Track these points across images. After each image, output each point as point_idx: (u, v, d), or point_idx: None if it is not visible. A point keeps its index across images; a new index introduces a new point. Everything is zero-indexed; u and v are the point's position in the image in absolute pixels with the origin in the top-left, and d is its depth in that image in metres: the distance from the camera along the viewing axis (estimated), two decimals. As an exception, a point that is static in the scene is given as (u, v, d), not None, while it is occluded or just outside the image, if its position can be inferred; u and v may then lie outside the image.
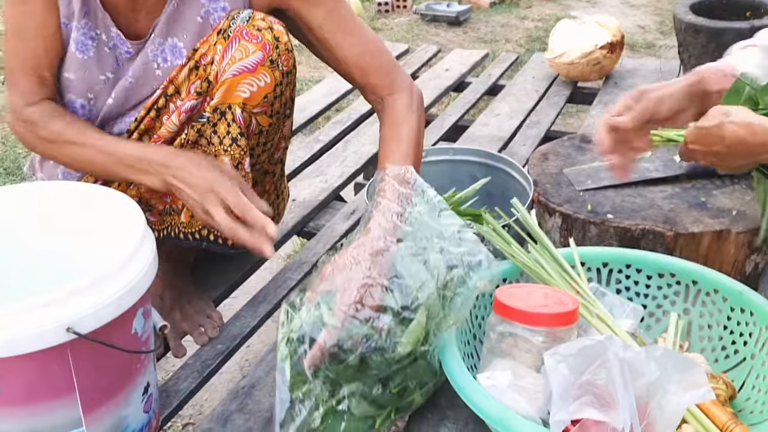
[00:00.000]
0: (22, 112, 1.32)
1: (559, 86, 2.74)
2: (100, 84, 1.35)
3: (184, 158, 1.25)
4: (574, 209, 1.48)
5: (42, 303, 0.98)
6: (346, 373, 1.07)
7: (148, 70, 1.36)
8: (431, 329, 1.08)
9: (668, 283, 1.31)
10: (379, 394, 1.10)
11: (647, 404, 0.95)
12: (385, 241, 1.10)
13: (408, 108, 1.35)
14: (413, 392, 1.13)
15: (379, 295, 1.06)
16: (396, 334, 1.05)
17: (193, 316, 1.48)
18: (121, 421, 1.12)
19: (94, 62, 1.34)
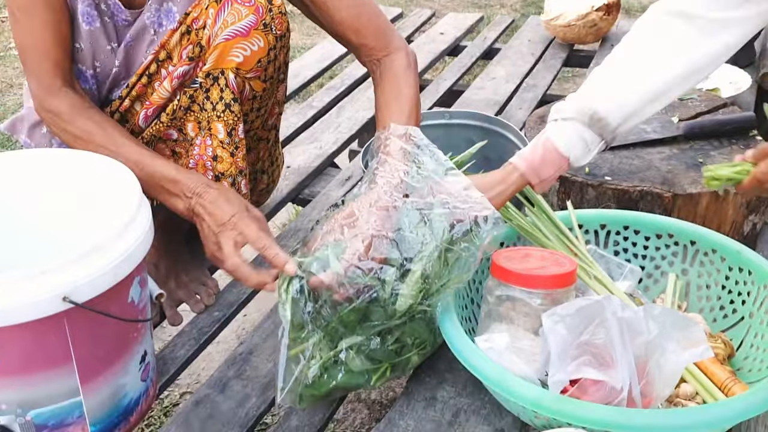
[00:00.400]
0: (43, 102, 1.30)
1: (555, 49, 2.71)
2: (106, 53, 1.34)
3: (216, 191, 1.22)
4: (571, 172, 1.47)
5: (38, 272, 0.96)
6: (348, 321, 1.08)
7: (145, 34, 1.33)
8: (434, 285, 1.08)
9: (666, 244, 1.30)
10: (376, 349, 1.10)
11: (646, 363, 0.95)
12: (392, 196, 1.11)
13: (406, 67, 1.34)
14: (410, 350, 1.13)
15: (385, 247, 1.07)
16: (398, 287, 1.07)
17: (189, 284, 1.47)
18: (118, 389, 1.11)
19: (100, 32, 1.32)
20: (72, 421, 1.07)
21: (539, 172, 1.21)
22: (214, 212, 1.19)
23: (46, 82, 1.29)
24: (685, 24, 1.20)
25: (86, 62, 1.34)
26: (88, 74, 1.36)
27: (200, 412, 1.19)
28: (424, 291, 1.08)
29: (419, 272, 1.07)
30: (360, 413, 1.78)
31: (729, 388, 1.06)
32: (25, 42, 1.28)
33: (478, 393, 1.15)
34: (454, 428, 1.10)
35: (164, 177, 1.24)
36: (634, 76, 1.22)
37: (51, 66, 1.28)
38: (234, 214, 1.18)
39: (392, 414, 1.13)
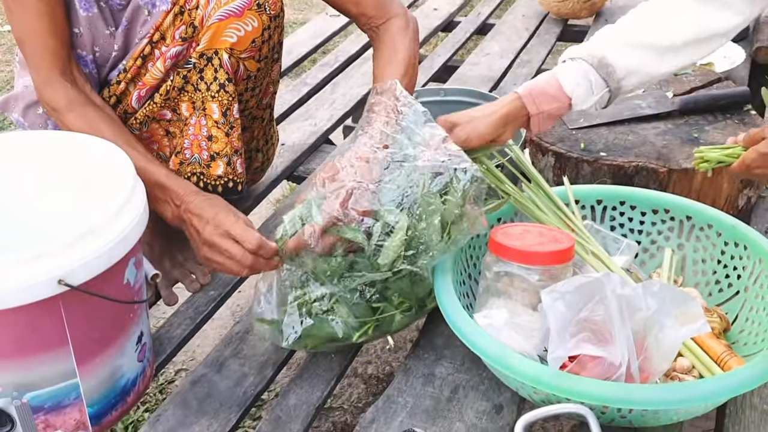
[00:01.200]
0: (42, 94, 1.29)
1: (550, 24, 2.69)
2: (105, 38, 1.33)
3: (203, 198, 1.21)
4: (567, 148, 1.47)
5: (33, 255, 0.96)
6: (333, 270, 1.11)
7: (139, 16, 1.32)
8: (417, 240, 1.09)
9: (662, 219, 1.30)
10: (359, 304, 1.12)
11: (644, 339, 0.96)
12: (371, 148, 1.13)
13: (403, 30, 1.35)
14: (393, 308, 1.15)
15: (366, 199, 1.09)
16: (382, 240, 1.09)
17: (184, 264, 1.47)
18: (115, 371, 1.11)
19: (98, 18, 1.31)
20: (69, 403, 1.07)
21: (538, 102, 1.23)
22: (199, 215, 1.18)
23: (44, 73, 1.27)
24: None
25: (86, 47, 1.33)
26: (88, 59, 1.34)
27: (198, 392, 1.19)
28: (407, 245, 1.09)
29: (402, 224, 1.08)
30: (357, 388, 1.79)
31: (725, 361, 1.07)
32: (22, 33, 1.27)
33: (476, 369, 1.15)
34: (452, 404, 1.10)
35: (154, 182, 1.23)
36: (644, 33, 1.24)
37: (48, 56, 1.27)
38: (217, 213, 1.17)
39: (390, 391, 1.14)
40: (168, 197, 1.23)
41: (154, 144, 1.41)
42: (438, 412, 1.09)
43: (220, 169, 1.36)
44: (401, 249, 1.09)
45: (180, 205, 1.22)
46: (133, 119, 1.36)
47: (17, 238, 1.20)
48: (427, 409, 1.10)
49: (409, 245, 1.09)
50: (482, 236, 1.25)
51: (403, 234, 1.08)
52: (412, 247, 1.09)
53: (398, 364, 1.20)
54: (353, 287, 1.12)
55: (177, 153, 1.37)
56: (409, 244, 1.09)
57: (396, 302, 1.15)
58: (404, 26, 1.36)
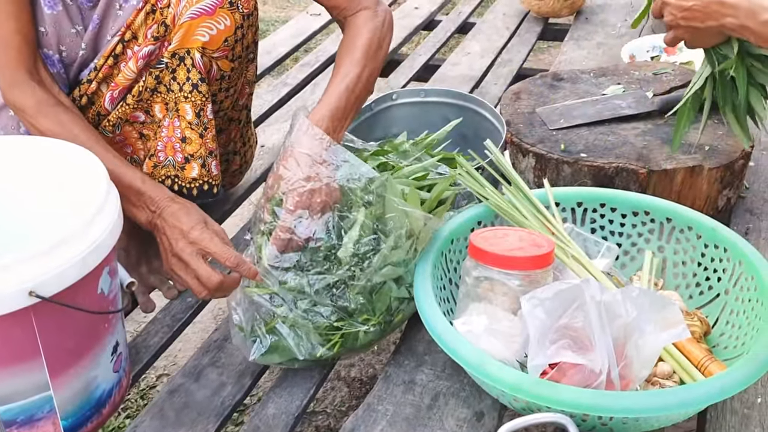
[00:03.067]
0: (7, 95, 1.26)
1: (530, 23, 2.68)
2: (71, 37, 1.30)
3: (177, 205, 1.20)
4: (547, 149, 1.46)
5: (2, 266, 0.93)
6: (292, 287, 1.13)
7: (110, 10, 1.29)
8: (369, 244, 1.12)
9: (642, 221, 1.30)
10: (318, 323, 1.13)
11: (624, 345, 0.95)
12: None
13: (369, 19, 1.34)
14: (353, 325, 1.15)
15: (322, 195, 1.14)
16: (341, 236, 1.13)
17: (161, 270, 1.44)
18: (90, 382, 1.09)
19: (63, 16, 1.28)
20: (42, 416, 1.04)
21: None
22: (174, 225, 1.17)
23: (8, 74, 1.25)
24: None
25: (52, 46, 1.30)
26: (54, 58, 1.32)
27: (175, 402, 1.17)
28: (362, 241, 1.11)
29: (360, 217, 1.11)
30: (340, 391, 1.78)
31: (706, 366, 1.06)
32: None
33: (457, 375, 1.14)
34: (433, 412, 1.09)
35: (130, 187, 1.21)
36: None
37: (13, 55, 1.24)
38: (193, 226, 1.16)
39: (371, 399, 1.13)
40: (143, 203, 1.21)
41: (128, 147, 1.38)
42: (418, 420, 1.08)
43: (195, 171, 1.34)
44: (359, 245, 1.10)
45: (155, 210, 1.20)
46: (106, 121, 1.33)
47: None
48: (408, 417, 1.09)
49: (360, 242, 1.11)
50: (462, 240, 1.24)
51: (359, 229, 1.09)
52: (367, 252, 1.11)
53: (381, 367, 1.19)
54: (313, 303, 1.13)
55: (151, 156, 1.35)
56: (359, 240, 1.11)
57: (360, 318, 1.14)
58: (371, 16, 1.34)
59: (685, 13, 1.23)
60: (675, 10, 1.25)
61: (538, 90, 1.70)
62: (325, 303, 1.13)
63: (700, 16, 1.22)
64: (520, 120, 1.57)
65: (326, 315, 1.13)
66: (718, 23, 1.20)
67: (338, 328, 1.14)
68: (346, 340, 1.15)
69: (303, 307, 1.13)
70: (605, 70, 1.79)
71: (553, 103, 1.63)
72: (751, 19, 1.15)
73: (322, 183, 1.14)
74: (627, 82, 1.70)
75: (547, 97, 1.66)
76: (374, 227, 1.13)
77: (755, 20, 1.15)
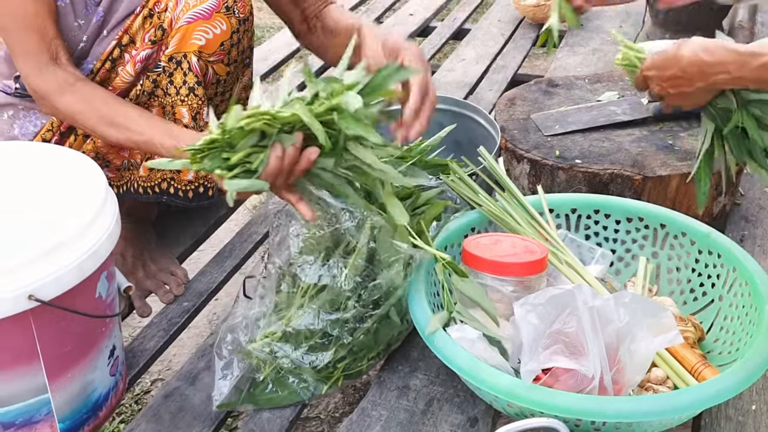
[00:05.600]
0: (30, 83, 1.25)
1: (525, 29, 2.69)
2: (74, 30, 1.30)
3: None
4: (542, 155, 1.46)
5: (2, 270, 0.94)
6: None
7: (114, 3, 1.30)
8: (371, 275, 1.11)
9: (637, 228, 1.31)
10: (318, 366, 1.12)
11: (617, 350, 0.96)
12: None
13: (343, 11, 1.39)
14: (360, 361, 1.15)
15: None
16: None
17: (157, 274, 1.45)
18: (87, 385, 1.09)
19: (69, 9, 1.28)
20: (40, 419, 1.05)
21: None
22: None
23: (32, 61, 1.23)
24: None
25: None
26: None
27: (170, 406, 1.18)
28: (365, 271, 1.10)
29: (363, 240, 1.10)
30: (334, 397, 1.77)
31: (699, 372, 1.07)
32: (5, 20, 1.22)
33: (451, 381, 1.15)
34: (427, 417, 1.10)
35: (162, 145, 1.19)
36: None
37: (36, 40, 1.23)
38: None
39: (365, 404, 1.13)
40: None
41: (125, 151, 1.38)
42: (412, 425, 1.09)
43: (191, 174, 1.34)
44: (361, 271, 1.09)
45: None
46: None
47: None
48: (402, 422, 1.09)
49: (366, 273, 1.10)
50: (456, 247, 1.24)
51: (362, 252, 1.09)
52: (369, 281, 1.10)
53: (375, 373, 1.19)
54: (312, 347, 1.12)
55: (147, 158, 1.36)
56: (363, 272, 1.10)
57: (361, 353, 1.15)
58: (341, 8, 1.39)
59: (668, 82, 1.23)
60: (659, 81, 1.25)
61: (533, 96, 1.71)
62: (327, 348, 1.13)
63: (685, 81, 1.21)
64: (515, 126, 1.58)
65: (326, 359, 1.13)
66: (707, 83, 1.19)
67: (338, 366, 1.14)
68: (349, 375, 1.16)
69: (301, 352, 1.12)
70: (600, 76, 1.80)
71: (548, 110, 1.64)
72: (744, 69, 1.15)
73: (326, 231, 1.14)
74: (622, 89, 1.71)
75: (542, 104, 1.67)
76: (367, 268, 1.12)
77: (748, 69, 1.14)
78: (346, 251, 1.09)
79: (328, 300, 1.08)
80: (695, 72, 1.19)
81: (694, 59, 1.18)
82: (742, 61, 1.14)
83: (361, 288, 1.09)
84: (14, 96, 1.40)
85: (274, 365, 1.12)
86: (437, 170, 1.31)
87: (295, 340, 1.10)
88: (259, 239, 1.64)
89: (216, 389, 1.15)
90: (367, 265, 1.09)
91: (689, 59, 1.18)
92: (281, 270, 1.15)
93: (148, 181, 1.36)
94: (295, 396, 1.14)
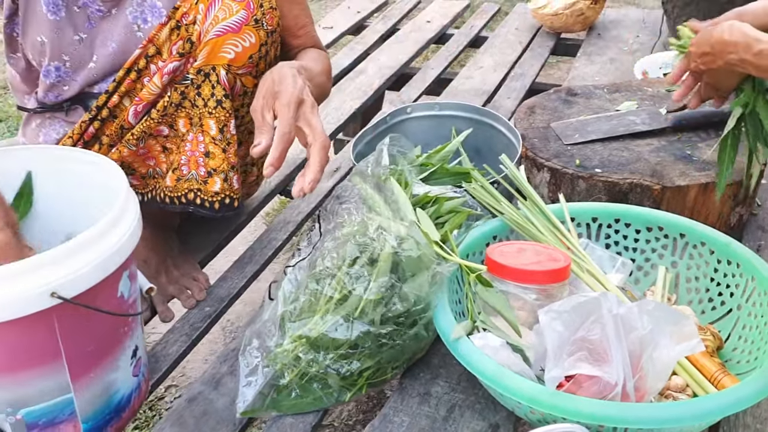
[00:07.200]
0: None
1: (543, 37, 2.71)
2: (74, 45, 1.32)
3: None
4: (562, 164, 1.47)
5: (26, 268, 0.95)
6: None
7: (130, 34, 1.32)
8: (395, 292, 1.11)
9: (656, 237, 1.31)
10: (345, 374, 1.13)
11: (640, 358, 0.96)
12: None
13: (324, 56, 1.45)
14: (386, 372, 1.16)
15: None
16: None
17: (180, 280, 1.47)
18: (110, 385, 1.11)
19: (65, 23, 1.30)
20: (63, 419, 1.06)
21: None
22: None
23: None
24: None
25: (52, 55, 1.33)
26: (52, 67, 1.34)
27: (194, 410, 1.19)
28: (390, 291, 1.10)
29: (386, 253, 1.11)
30: (347, 405, 1.78)
31: (719, 380, 1.07)
32: None
33: (472, 388, 1.16)
34: (449, 424, 1.11)
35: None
36: None
37: None
38: None
39: (386, 410, 1.14)
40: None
41: (151, 160, 1.41)
42: (434, 431, 1.10)
43: (217, 186, 1.36)
44: (387, 286, 1.10)
45: None
46: (130, 135, 1.35)
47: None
48: (424, 428, 1.10)
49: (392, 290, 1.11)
50: (478, 254, 1.25)
51: (386, 265, 1.09)
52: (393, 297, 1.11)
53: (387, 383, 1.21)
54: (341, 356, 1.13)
55: (174, 169, 1.37)
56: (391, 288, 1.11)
57: (387, 365, 1.16)
58: (324, 53, 1.47)
59: (701, 58, 1.30)
60: (695, 58, 1.32)
61: (553, 105, 1.72)
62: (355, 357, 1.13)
63: (711, 58, 1.27)
64: (535, 134, 1.59)
65: (354, 367, 1.13)
66: (725, 61, 1.25)
67: (364, 374, 1.15)
68: (373, 383, 1.17)
69: (330, 360, 1.13)
70: (619, 86, 1.81)
71: (567, 118, 1.65)
72: (748, 52, 1.20)
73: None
74: (640, 99, 1.72)
75: (561, 112, 1.68)
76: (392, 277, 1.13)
77: (750, 53, 1.20)
78: (371, 259, 1.10)
79: (353, 309, 1.09)
80: (717, 50, 1.25)
81: (718, 37, 1.24)
82: (746, 44, 1.20)
83: (387, 298, 1.10)
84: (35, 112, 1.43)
85: (298, 371, 1.13)
86: (459, 178, 1.32)
87: (324, 347, 1.11)
88: (279, 245, 1.66)
89: (240, 396, 1.17)
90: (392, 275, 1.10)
91: (716, 36, 1.24)
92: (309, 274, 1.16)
93: (174, 192, 1.38)
94: (319, 402, 1.15)
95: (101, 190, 1.18)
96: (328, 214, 1.22)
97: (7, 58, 1.43)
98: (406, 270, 1.09)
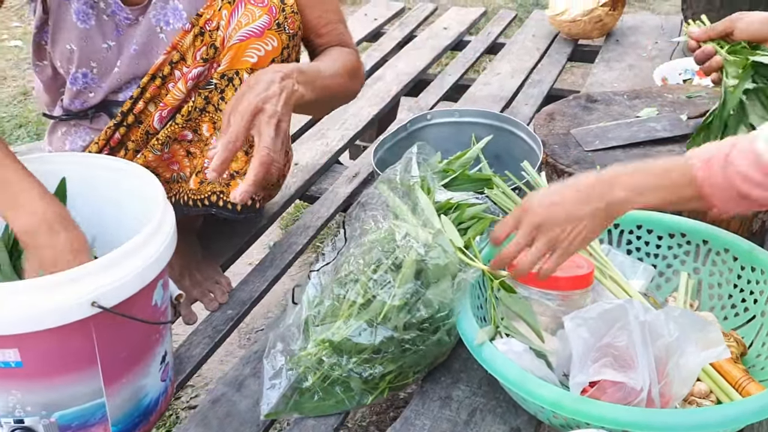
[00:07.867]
0: None
1: (560, 44, 2.71)
2: (102, 52, 1.34)
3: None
4: (583, 170, 1.47)
5: (67, 278, 0.97)
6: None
7: (152, 36, 1.34)
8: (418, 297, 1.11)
9: (678, 243, 1.31)
10: (367, 377, 1.14)
11: (666, 364, 0.97)
12: None
13: (350, 53, 1.42)
14: (408, 376, 1.17)
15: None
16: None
17: (203, 283, 1.48)
18: (139, 390, 1.12)
19: (95, 31, 1.32)
20: (95, 422, 1.08)
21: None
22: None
23: None
24: None
25: (80, 62, 1.35)
26: (79, 74, 1.36)
27: (218, 411, 1.20)
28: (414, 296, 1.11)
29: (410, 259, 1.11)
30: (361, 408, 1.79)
31: (743, 386, 1.07)
32: None
33: (493, 392, 1.16)
34: (470, 427, 1.11)
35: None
36: None
37: None
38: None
39: (408, 413, 1.15)
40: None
41: (175, 164, 1.42)
42: (456, 434, 1.10)
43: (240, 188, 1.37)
44: (411, 292, 1.10)
45: None
46: (155, 140, 1.37)
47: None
48: (445, 431, 1.11)
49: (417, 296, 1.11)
50: (500, 259, 1.26)
51: (411, 271, 1.10)
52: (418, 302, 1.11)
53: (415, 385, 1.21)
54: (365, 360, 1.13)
55: (197, 173, 1.39)
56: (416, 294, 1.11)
57: (409, 369, 1.17)
58: (350, 50, 1.42)
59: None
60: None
61: (572, 111, 1.72)
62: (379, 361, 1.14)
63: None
64: (555, 141, 1.59)
65: (377, 371, 1.14)
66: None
67: (386, 378, 1.16)
68: (395, 387, 1.18)
69: (353, 364, 1.14)
70: (639, 92, 1.81)
71: (587, 125, 1.65)
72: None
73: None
74: (661, 105, 1.72)
75: (581, 119, 1.69)
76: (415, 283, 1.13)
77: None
78: (395, 265, 1.11)
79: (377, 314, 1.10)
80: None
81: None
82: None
83: (411, 303, 1.10)
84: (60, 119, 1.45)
85: (321, 374, 1.14)
86: (481, 185, 1.33)
87: (347, 351, 1.12)
88: (299, 249, 1.67)
89: (264, 398, 1.18)
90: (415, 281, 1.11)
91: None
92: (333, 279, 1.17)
93: (197, 194, 1.39)
94: (341, 404, 1.16)
95: (129, 196, 1.19)
96: (353, 220, 1.22)
97: (34, 66, 1.45)
98: (430, 276, 1.10)
